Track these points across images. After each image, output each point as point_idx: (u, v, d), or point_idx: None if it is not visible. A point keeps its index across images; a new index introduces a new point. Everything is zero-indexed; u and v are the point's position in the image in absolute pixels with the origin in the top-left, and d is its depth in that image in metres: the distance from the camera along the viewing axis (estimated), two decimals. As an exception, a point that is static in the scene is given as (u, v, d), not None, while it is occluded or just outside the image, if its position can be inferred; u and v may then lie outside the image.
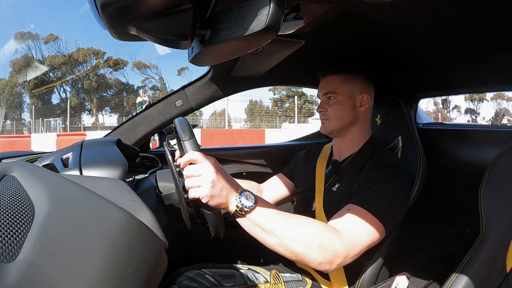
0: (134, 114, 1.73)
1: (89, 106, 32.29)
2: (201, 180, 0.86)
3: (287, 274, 1.25)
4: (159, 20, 0.58)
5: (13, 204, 0.52)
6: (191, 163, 0.89)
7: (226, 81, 1.67)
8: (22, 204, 0.54)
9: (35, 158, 1.25)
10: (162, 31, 0.61)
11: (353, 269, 1.22)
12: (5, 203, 0.52)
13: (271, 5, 0.55)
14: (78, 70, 32.46)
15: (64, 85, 33.27)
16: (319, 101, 1.38)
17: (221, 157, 1.94)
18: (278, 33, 0.61)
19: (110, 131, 1.75)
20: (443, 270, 1.29)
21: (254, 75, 1.62)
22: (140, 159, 1.63)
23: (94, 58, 32.67)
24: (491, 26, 1.06)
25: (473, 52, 1.27)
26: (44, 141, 12.55)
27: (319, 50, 1.44)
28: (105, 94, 33.76)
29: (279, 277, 1.22)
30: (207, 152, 0.93)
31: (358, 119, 1.32)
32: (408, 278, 1.23)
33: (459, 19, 1.03)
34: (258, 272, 1.23)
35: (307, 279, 1.24)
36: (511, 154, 1.02)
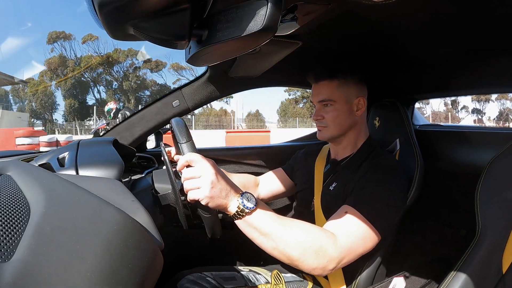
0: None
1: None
2: (201, 182, 0.85)
3: (289, 274, 1.24)
4: (157, 20, 0.58)
5: (9, 204, 0.52)
6: (188, 166, 0.89)
7: (223, 81, 1.67)
8: (18, 204, 0.53)
9: (31, 158, 1.25)
10: (160, 31, 0.60)
11: (351, 270, 1.21)
12: (0, 202, 0.52)
13: (269, 6, 0.56)
14: (114, 70, 32.96)
15: (98, 85, 33.70)
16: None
17: (219, 157, 1.94)
18: (276, 34, 0.61)
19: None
20: (440, 271, 1.29)
21: (252, 76, 1.62)
22: (137, 159, 1.63)
23: (135, 59, 33.71)
24: (489, 27, 1.06)
25: (470, 53, 1.27)
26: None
27: (317, 51, 1.44)
28: (141, 94, 34.22)
29: (280, 277, 1.22)
30: (203, 152, 0.92)
31: (356, 123, 1.30)
32: (406, 278, 1.23)
33: (457, 20, 1.04)
34: (259, 273, 1.23)
35: (308, 279, 1.24)
36: (507, 156, 1.02)
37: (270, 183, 1.59)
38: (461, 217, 1.53)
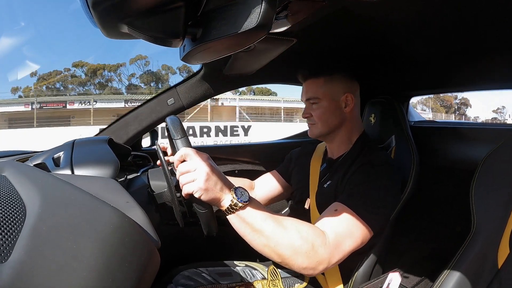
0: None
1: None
2: (195, 175, 0.85)
3: (285, 270, 1.24)
4: (151, 18, 0.58)
5: (5, 204, 0.52)
6: (183, 161, 0.89)
7: (218, 79, 1.66)
8: (14, 204, 0.53)
9: (26, 158, 1.24)
10: (154, 29, 0.60)
11: (347, 267, 1.22)
12: (-5, 203, 0.52)
13: (263, 3, 0.55)
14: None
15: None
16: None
17: (213, 155, 1.92)
18: (270, 31, 0.61)
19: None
20: (435, 267, 1.29)
21: (246, 73, 1.62)
22: (132, 158, 1.62)
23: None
24: (482, 25, 1.06)
25: (465, 50, 1.28)
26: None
27: (311, 48, 1.44)
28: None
29: (277, 273, 1.22)
30: (199, 150, 0.92)
31: (345, 120, 1.29)
32: (401, 274, 1.24)
33: (451, 18, 1.04)
34: (255, 269, 1.23)
35: (304, 275, 1.24)
36: (501, 152, 1.03)
37: (266, 186, 1.58)
38: (457, 213, 1.53)
